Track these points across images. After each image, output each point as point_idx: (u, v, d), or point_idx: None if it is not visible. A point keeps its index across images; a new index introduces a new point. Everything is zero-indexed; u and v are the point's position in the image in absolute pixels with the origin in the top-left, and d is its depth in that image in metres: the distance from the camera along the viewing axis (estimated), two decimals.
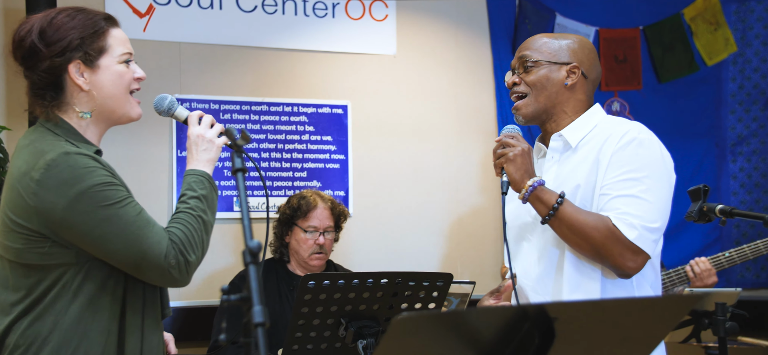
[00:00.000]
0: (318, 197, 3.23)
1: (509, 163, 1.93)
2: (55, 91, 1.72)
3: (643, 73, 4.47)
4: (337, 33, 4.03)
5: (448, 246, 4.17)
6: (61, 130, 1.71)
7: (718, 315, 2.30)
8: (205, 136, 1.83)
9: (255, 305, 1.10)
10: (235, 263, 3.77)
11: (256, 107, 3.87)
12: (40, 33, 1.70)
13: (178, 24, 3.77)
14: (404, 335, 1.14)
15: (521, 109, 2.05)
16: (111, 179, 1.67)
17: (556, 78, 2.01)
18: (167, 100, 1.90)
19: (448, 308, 3.25)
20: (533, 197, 1.90)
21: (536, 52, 2.03)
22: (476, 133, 4.25)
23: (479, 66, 4.29)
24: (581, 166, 1.96)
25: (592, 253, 1.89)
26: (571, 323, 1.23)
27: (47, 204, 1.61)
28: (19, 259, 1.67)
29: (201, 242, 1.73)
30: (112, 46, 1.76)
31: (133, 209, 1.67)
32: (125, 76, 1.78)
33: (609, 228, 1.85)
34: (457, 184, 4.20)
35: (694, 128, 4.50)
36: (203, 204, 1.76)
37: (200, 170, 1.81)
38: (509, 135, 1.98)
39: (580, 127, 2.01)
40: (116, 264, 1.67)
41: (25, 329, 1.66)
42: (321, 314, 2.12)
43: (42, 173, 1.62)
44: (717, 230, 4.39)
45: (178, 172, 3.71)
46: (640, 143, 1.91)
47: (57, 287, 1.66)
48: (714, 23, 4.46)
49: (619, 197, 1.87)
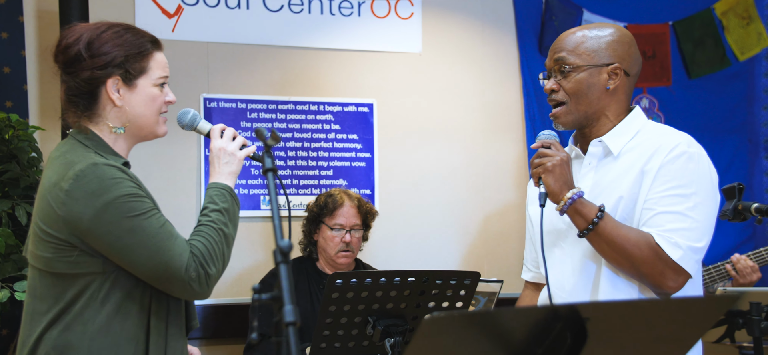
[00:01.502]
0: (345, 195, 3.23)
1: (547, 174, 1.81)
2: (89, 101, 1.78)
3: (672, 69, 4.40)
4: (363, 31, 4.03)
5: (475, 244, 4.15)
6: (91, 142, 1.76)
7: (753, 315, 2.26)
8: (226, 149, 1.86)
9: (286, 304, 1.11)
10: (263, 261, 3.79)
11: (282, 106, 3.89)
12: (88, 44, 1.76)
13: (205, 24, 3.80)
14: (435, 335, 1.14)
15: (560, 118, 1.93)
16: (137, 191, 1.70)
17: (597, 82, 1.89)
18: (190, 114, 1.93)
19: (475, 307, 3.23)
20: (572, 209, 1.80)
21: (574, 55, 1.90)
22: (503, 131, 4.23)
23: (505, 63, 4.26)
24: (625, 177, 1.86)
25: (630, 269, 1.81)
26: (603, 324, 1.22)
27: (75, 214, 1.65)
28: (49, 268, 1.71)
29: (222, 255, 1.76)
30: (152, 69, 1.81)
31: (157, 221, 1.70)
32: (157, 99, 1.83)
33: (651, 246, 1.76)
34: (484, 182, 4.18)
35: (725, 125, 4.43)
36: (224, 217, 1.78)
37: (222, 183, 1.84)
38: (546, 142, 1.86)
39: (621, 134, 1.90)
40: (139, 275, 1.71)
41: (55, 338, 1.68)
42: (348, 312, 2.12)
43: (71, 184, 1.66)
44: (750, 228, 4.32)
45: (206, 171, 3.74)
46: (690, 157, 1.82)
47: (85, 296, 1.69)
48: (746, 17, 4.38)
49: (664, 213, 1.78)
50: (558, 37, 1.97)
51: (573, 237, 1.90)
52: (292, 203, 3.84)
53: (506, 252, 4.14)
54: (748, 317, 2.26)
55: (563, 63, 1.90)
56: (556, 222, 1.96)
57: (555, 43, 1.96)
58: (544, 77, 1.98)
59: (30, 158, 3.24)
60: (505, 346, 1.21)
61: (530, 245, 2.19)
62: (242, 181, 3.81)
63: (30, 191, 3.23)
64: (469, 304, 2.26)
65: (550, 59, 1.95)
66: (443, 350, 1.17)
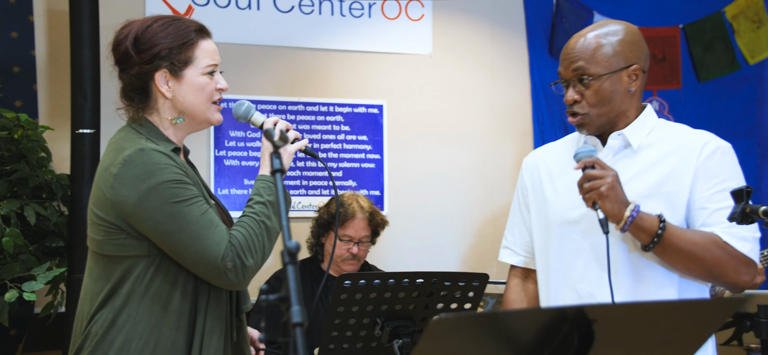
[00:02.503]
0: (357, 207, 3.17)
1: (604, 200, 1.73)
2: (142, 95, 1.82)
3: (682, 72, 4.39)
4: (373, 33, 4.04)
5: (484, 246, 4.15)
6: (144, 129, 1.81)
7: (761, 317, 2.25)
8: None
9: (293, 305, 1.11)
10: (271, 262, 3.80)
11: (292, 107, 3.90)
12: (135, 40, 1.80)
13: (216, 24, 3.78)
14: (442, 336, 1.14)
15: (586, 127, 1.90)
16: (181, 177, 1.73)
17: (620, 88, 1.86)
18: (244, 106, 1.96)
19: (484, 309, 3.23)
20: (633, 226, 1.75)
21: (593, 63, 1.85)
22: (512, 133, 4.23)
23: (516, 65, 4.26)
24: (650, 173, 1.85)
25: (701, 273, 1.79)
26: (610, 325, 1.22)
27: (121, 197, 1.70)
28: (100, 250, 1.77)
29: (261, 247, 1.77)
30: (198, 58, 1.84)
31: (199, 209, 1.72)
32: (207, 88, 1.85)
33: (719, 245, 1.76)
34: (493, 183, 4.18)
35: (735, 128, 4.41)
36: (268, 210, 1.80)
37: (270, 176, 1.86)
38: (590, 161, 1.77)
39: (640, 128, 1.90)
40: (179, 261, 1.74)
41: (104, 319, 1.74)
42: (357, 313, 2.13)
43: (119, 168, 1.71)
44: (759, 232, 4.30)
45: (216, 171, 3.76)
46: (724, 152, 1.85)
47: (131, 278, 1.74)
48: (756, 21, 4.36)
49: (721, 210, 1.78)
50: (568, 44, 1.93)
51: (587, 227, 1.87)
52: (300, 204, 3.85)
53: None
54: (756, 319, 2.26)
55: (583, 73, 1.86)
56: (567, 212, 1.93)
57: (567, 51, 1.91)
58: (557, 87, 1.94)
59: (39, 158, 3.26)
60: (512, 347, 1.22)
61: (521, 228, 2.15)
62: (252, 181, 3.83)
63: (39, 191, 3.24)
64: (478, 305, 2.26)
65: (566, 69, 1.90)
66: (451, 351, 1.17)
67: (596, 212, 1.74)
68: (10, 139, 3.16)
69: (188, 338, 1.76)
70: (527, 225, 2.12)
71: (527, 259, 2.16)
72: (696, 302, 1.54)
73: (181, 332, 1.75)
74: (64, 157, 3.31)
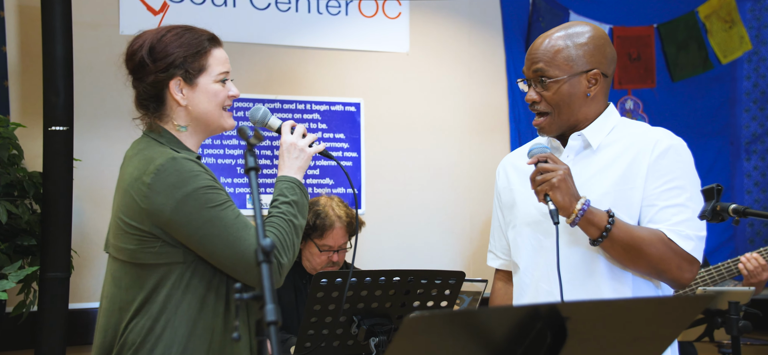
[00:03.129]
0: (335, 216, 3.11)
1: (555, 191, 1.77)
2: (157, 103, 1.86)
3: (656, 71, 4.44)
4: (351, 31, 4.04)
5: (460, 244, 4.17)
6: (165, 139, 1.85)
7: (731, 314, 2.29)
8: (297, 144, 1.93)
9: (268, 303, 1.11)
10: None
11: (269, 105, 3.89)
12: (150, 50, 1.84)
13: (191, 21, 3.74)
14: (417, 334, 1.15)
15: (545, 129, 1.93)
16: (213, 183, 1.78)
17: (578, 91, 1.89)
18: (261, 111, 1.99)
19: (460, 306, 3.25)
20: (583, 220, 1.78)
21: (552, 66, 1.88)
22: (489, 132, 4.25)
23: (492, 64, 4.28)
24: (607, 172, 1.88)
25: (647, 268, 1.82)
26: (582, 323, 1.23)
27: (157, 205, 1.73)
28: (134, 259, 1.78)
29: (293, 245, 1.82)
30: (211, 66, 1.89)
31: (233, 212, 1.76)
32: (219, 95, 1.89)
33: (664, 242, 1.79)
34: (470, 181, 4.20)
35: (708, 127, 4.48)
36: (294, 209, 1.85)
37: (291, 177, 1.90)
38: (543, 156, 1.82)
39: (599, 129, 1.93)
40: (217, 264, 1.77)
41: (141, 327, 1.75)
42: (333, 311, 2.13)
43: (152, 177, 1.74)
44: (730, 229, 4.37)
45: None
46: (677, 150, 1.87)
47: (168, 285, 1.76)
48: (729, 21, 4.43)
49: (668, 208, 1.81)
50: (534, 43, 1.95)
51: (550, 227, 1.88)
52: None
53: None
54: (727, 316, 2.29)
55: (542, 75, 1.90)
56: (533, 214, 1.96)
57: (531, 51, 1.94)
58: (523, 83, 1.98)
59: (11, 156, 3.21)
60: (486, 345, 1.22)
61: (499, 232, 2.18)
62: (228, 179, 3.81)
63: (10, 189, 3.19)
64: (454, 303, 2.27)
65: (528, 68, 1.93)
66: (425, 349, 1.18)
67: (547, 205, 1.78)
68: None
69: (224, 341, 1.79)
70: (503, 228, 2.14)
71: (507, 262, 2.18)
72: (668, 299, 1.56)
73: (217, 335, 1.78)
74: (37, 155, 3.26)
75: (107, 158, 3.60)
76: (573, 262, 1.89)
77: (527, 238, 2.00)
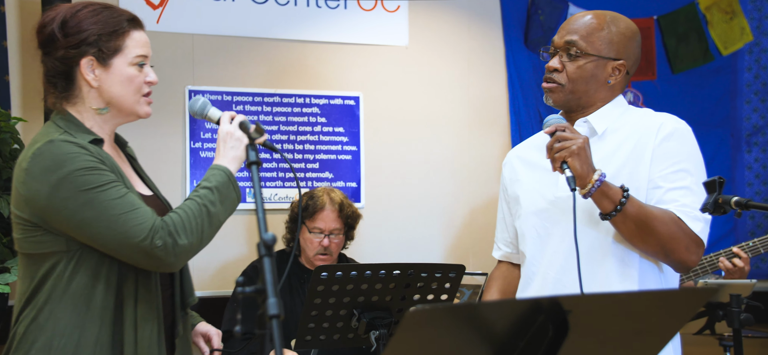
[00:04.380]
0: (327, 198, 3.16)
1: (574, 158, 1.72)
2: (66, 82, 1.76)
3: (657, 63, 4.43)
4: (349, 24, 4.03)
5: (461, 237, 4.17)
6: (64, 122, 1.75)
7: (733, 307, 2.29)
8: (234, 134, 1.84)
9: (270, 297, 1.11)
10: (247, 254, 3.79)
11: (268, 99, 3.88)
12: (62, 23, 1.74)
13: (191, 16, 3.78)
14: (418, 327, 1.14)
15: (554, 95, 1.92)
16: (95, 164, 1.67)
17: (600, 75, 1.89)
18: (200, 102, 1.92)
19: (460, 300, 3.25)
20: (599, 192, 1.75)
21: (586, 41, 1.88)
22: (488, 125, 4.24)
23: (491, 57, 4.27)
24: (613, 157, 1.89)
25: (655, 247, 1.81)
26: (585, 316, 1.23)
27: (33, 192, 1.66)
28: (21, 249, 1.73)
29: (199, 229, 1.72)
30: (129, 48, 1.78)
31: (116, 193, 1.67)
32: (135, 80, 1.79)
33: (675, 221, 1.79)
34: (469, 175, 4.19)
35: (708, 119, 4.47)
36: (213, 195, 1.76)
37: (222, 166, 1.82)
38: (561, 126, 1.78)
39: (606, 115, 1.93)
40: (101, 248, 1.69)
41: (27, 318, 1.70)
42: (334, 305, 2.13)
43: (28, 163, 1.67)
44: (731, 221, 4.37)
45: (191, 163, 3.73)
46: (682, 133, 1.88)
47: (52, 276, 1.69)
48: (729, 12, 4.42)
49: (675, 189, 1.82)
50: (572, 17, 1.96)
51: (557, 214, 1.90)
52: (277, 196, 3.84)
53: (491, 245, 4.15)
54: (728, 309, 2.29)
55: (573, 46, 1.89)
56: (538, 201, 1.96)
57: (568, 22, 1.94)
58: (544, 51, 1.97)
59: (12, 150, 3.21)
60: (488, 338, 1.22)
61: (503, 224, 2.18)
62: None
63: (11, 183, 3.19)
64: (454, 297, 2.27)
65: (560, 38, 1.92)
66: (427, 342, 1.18)
67: (564, 173, 1.74)
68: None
69: (117, 332, 1.71)
70: (507, 220, 2.15)
71: (507, 252, 2.19)
72: (669, 292, 1.56)
73: (106, 326, 1.70)
74: None
75: None
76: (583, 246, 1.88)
77: (533, 227, 2.00)
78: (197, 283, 3.70)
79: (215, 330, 2.04)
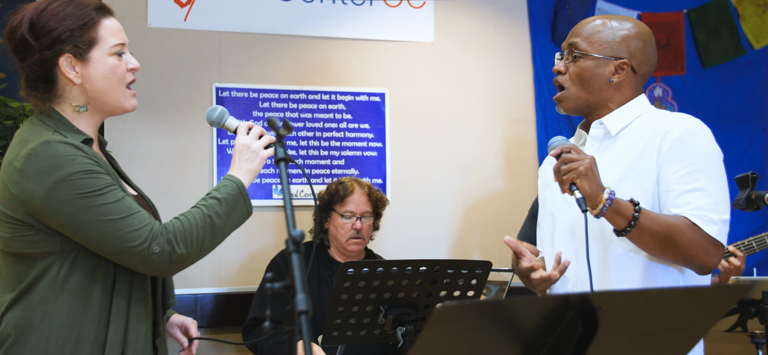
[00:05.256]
0: (355, 183, 3.26)
1: (582, 179, 1.73)
2: (47, 83, 1.72)
3: (686, 57, 4.37)
4: (375, 20, 4.02)
5: (486, 234, 4.15)
6: (52, 121, 1.72)
7: (765, 304, 2.25)
8: (250, 146, 1.82)
9: (298, 293, 1.11)
10: (274, 250, 3.81)
11: (294, 96, 3.89)
12: (31, 25, 1.69)
13: (217, 13, 3.81)
14: (446, 324, 1.14)
15: (563, 102, 1.96)
16: (92, 167, 1.66)
17: (602, 73, 1.91)
18: (217, 111, 1.90)
19: (487, 296, 3.24)
20: (611, 211, 1.74)
21: (586, 42, 1.93)
22: (514, 121, 4.22)
23: (518, 52, 4.24)
24: (623, 158, 1.89)
25: (674, 255, 1.80)
26: (615, 313, 1.22)
27: (27, 193, 1.63)
28: (8, 248, 1.69)
29: (199, 239, 1.70)
30: (104, 38, 1.73)
31: (113, 196, 1.66)
32: (117, 69, 1.75)
33: (690, 227, 1.77)
34: (495, 171, 4.17)
35: (740, 114, 4.39)
36: (220, 207, 1.74)
37: (235, 177, 1.80)
38: (566, 147, 1.79)
39: (621, 116, 1.93)
40: (98, 252, 1.68)
41: (15, 318, 1.67)
42: (360, 301, 2.13)
43: (23, 162, 1.63)
44: (763, 217, 4.29)
45: (219, 160, 3.75)
46: (693, 134, 1.85)
47: (46, 277, 1.67)
48: (762, 5, 4.34)
49: (688, 192, 1.80)
50: (579, 22, 2.00)
51: (580, 230, 1.87)
52: (303, 192, 3.85)
53: None
54: (761, 306, 2.26)
55: (575, 48, 1.93)
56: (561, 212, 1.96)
57: (575, 27, 1.99)
58: (558, 56, 2.00)
59: None
60: (516, 335, 1.22)
61: (530, 225, 2.19)
62: None
63: None
64: (481, 293, 2.27)
65: (566, 42, 1.98)
66: (454, 338, 1.17)
67: (573, 194, 1.74)
68: (15, 128, 3.16)
69: (113, 331, 1.70)
70: (532, 226, 2.16)
71: None
72: (701, 289, 1.54)
73: (102, 326, 1.69)
74: None
75: (138, 149, 3.64)
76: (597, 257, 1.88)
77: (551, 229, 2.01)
78: (222, 279, 3.75)
79: (191, 320, 2.02)
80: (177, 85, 3.73)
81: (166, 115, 3.71)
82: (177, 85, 3.73)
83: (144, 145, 3.68)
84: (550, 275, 1.87)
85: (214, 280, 3.73)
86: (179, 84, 3.74)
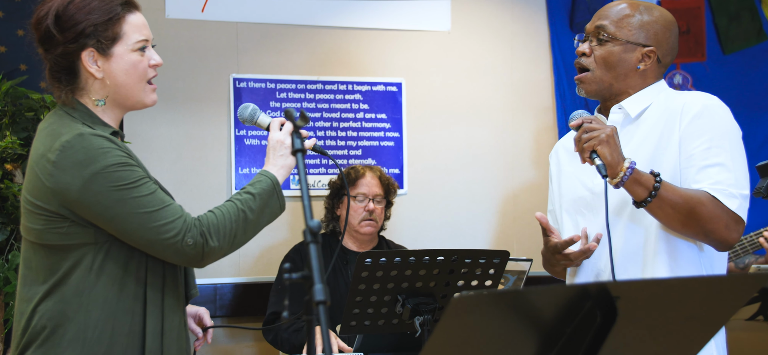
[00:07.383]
0: (367, 168, 3.34)
1: (603, 146, 1.72)
2: (70, 76, 1.74)
3: (707, 44, 4.31)
4: (392, 10, 4.01)
5: (504, 223, 4.14)
6: (78, 113, 1.73)
7: None
8: (284, 142, 1.83)
9: (316, 283, 1.12)
10: (290, 240, 3.82)
11: (311, 86, 3.90)
12: (56, 18, 1.70)
13: (235, 4, 3.82)
14: (463, 314, 1.14)
15: (584, 84, 1.95)
16: (126, 160, 1.68)
17: (629, 60, 1.91)
18: (249, 108, 1.91)
19: (504, 286, 3.23)
20: (631, 180, 1.73)
21: (615, 26, 1.91)
22: (532, 110, 4.19)
23: (535, 41, 4.22)
24: (647, 141, 1.88)
25: (695, 229, 1.79)
26: (633, 302, 1.21)
27: (63, 185, 1.64)
28: (41, 240, 1.70)
29: (232, 234, 1.73)
30: (127, 34, 1.74)
31: (147, 189, 1.68)
32: (139, 65, 1.76)
33: (711, 200, 1.76)
34: (513, 160, 4.16)
35: (761, 101, 4.33)
36: (254, 202, 1.76)
37: (270, 173, 1.82)
38: (588, 118, 1.80)
39: (640, 99, 1.93)
40: (132, 243, 1.70)
41: (50, 309, 1.68)
42: (378, 290, 2.14)
43: (57, 155, 1.64)
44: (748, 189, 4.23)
45: (236, 150, 3.77)
46: (712, 109, 1.85)
47: (80, 268, 1.69)
48: None
49: (709, 167, 1.79)
50: (607, 5, 1.98)
51: (600, 206, 1.87)
52: (321, 182, 3.86)
53: (535, 231, 4.08)
54: None
55: (603, 30, 1.92)
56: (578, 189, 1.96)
57: (601, 10, 1.97)
58: (579, 40, 1.98)
59: None
60: (534, 325, 1.21)
61: (552, 217, 2.17)
62: None
63: None
64: (498, 283, 2.26)
65: (591, 24, 1.96)
66: (472, 328, 1.17)
67: (593, 163, 1.74)
68: (36, 120, 3.19)
69: (150, 322, 1.72)
70: (556, 212, 2.15)
71: None
72: (722, 278, 1.52)
73: (138, 316, 1.71)
74: None
75: (155, 140, 3.67)
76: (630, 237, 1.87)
77: (571, 213, 2.00)
78: (241, 269, 3.78)
79: (204, 309, 2.05)
80: (194, 76, 3.75)
81: (184, 106, 3.73)
82: (194, 76, 3.75)
83: (162, 136, 3.70)
84: (588, 246, 1.85)
85: (232, 270, 3.75)
86: (197, 75, 3.75)
